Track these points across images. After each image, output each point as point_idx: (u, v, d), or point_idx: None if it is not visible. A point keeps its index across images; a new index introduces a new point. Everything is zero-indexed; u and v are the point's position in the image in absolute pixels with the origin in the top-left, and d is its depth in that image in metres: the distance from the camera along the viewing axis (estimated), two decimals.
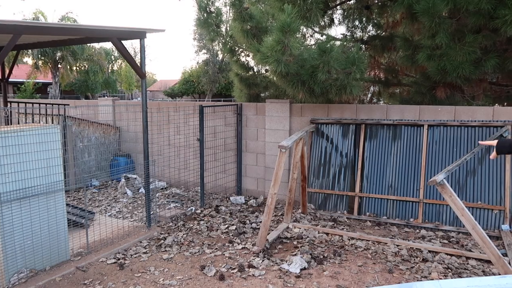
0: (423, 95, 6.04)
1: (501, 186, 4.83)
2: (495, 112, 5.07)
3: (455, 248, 4.40)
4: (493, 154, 2.10)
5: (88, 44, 23.84)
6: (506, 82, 6.82)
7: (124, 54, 4.91)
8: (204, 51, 28.24)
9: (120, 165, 7.68)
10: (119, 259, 4.31)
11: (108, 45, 30.95)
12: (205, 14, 7.80)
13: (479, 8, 4.66)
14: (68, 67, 23.24)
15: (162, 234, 5.03)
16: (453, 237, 4.78)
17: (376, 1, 6.65)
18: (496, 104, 7.08)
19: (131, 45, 34.37)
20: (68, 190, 6.92)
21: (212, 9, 7.86)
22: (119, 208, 6.13)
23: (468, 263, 4.05)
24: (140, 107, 6.06)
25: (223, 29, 8.46)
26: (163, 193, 6.99)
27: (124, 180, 7.07)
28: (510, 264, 3.78)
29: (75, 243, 4.56)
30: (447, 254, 4.23)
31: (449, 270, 3.89)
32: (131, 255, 4.42)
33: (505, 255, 4.08)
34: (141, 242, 4.79)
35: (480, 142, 2.25)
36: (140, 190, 6.96)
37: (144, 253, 4.48)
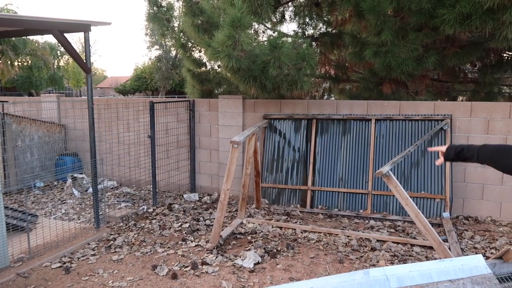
0: (370, 90, 6.27)
1: (442, 177, 5.11)
2: (436, 107, 5.35)
3: (401, 237, 4.61)
4: (439, 160, 2.18)
5: (31, 38, 22.50)
6: (446, 78, 7.24)
7: (67, 47, 4.66)
8: (156, 46, 27.61)
9: (66, 164, 7.32)
10: (65, 263, 4.11)
11: (53, 39, 29.35)
12: (155, 8, 7.60)
13: (420, 7, 4.90)
14: (9, 62, 21.77)
15: (111, 234, 4.85)
16: (399, 226, 5.00)
17: None
18: (438, 100, 7.50)
19: (79, 40, 32.81)
20: (8, 192, 6.48)
21: (163, 3, 7.68)
22: (65, 210, 5.84)
23: (413, 250, 4.25)
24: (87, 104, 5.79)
25: (176, 24, 8.30)
26: (113, 193, 6.74)
27: (70, 180, 6.74)
28: (450, 249, 4.01)
29: (16, 248, 4.28)
30: (393, 242, 4.42)
31: (396, 257, 4.07)
32: (78, 258, 4.22)
33: (445, 241, 4.32)
34: (89, 244, 4.59)
35: (429, 148, 2.33)
36: (88, 191, 6.67)
37: (92, 255, 4.29)
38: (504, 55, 6.67)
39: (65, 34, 4.69)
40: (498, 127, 5.04)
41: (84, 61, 4.82)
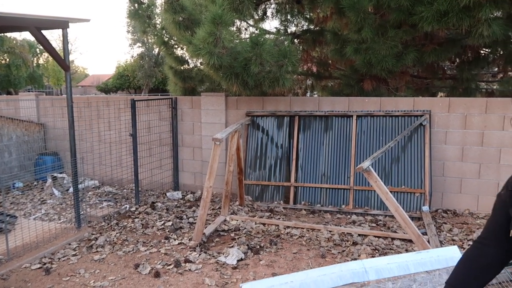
0: (352, 87, 6.33)
1: (422, 171, 5.22)
2: (415, 103, 5.45)
3: (382, 231, 4.69)
4: None
5: (8, 35, 21.95)
6: (425, 75, 7.37)
7: (44, 45, 4.57)
8: (138, 44, 27.26)
9: (46, 164, 7.18)
10: (45, 264, 4.04)
11: (32, 36, 28.71)
12: (136, 5, 7.52)
13: (399, 5, 4.97)
14: None
15: (93, 234, 4.79)
16: (380, 220, 5.08)
17: None
18: (419, 96, 7.63)
19: (59, 37, 32.17)
20: None
21: (144, 0, 7.59)
22: (45, 210, 5.74)
23: (393, 244, 4.33)
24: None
25: (158, 21, 8.21)
26: (95, 192, 6.65)
27: (51, 180, 6.62)
28: (429, 242, 4.10)
29: None
30: (375, 236, 4.49)
31: (377, 251, 4.14)
32: (59, 259, 4.16)
33: (425, 234, 4.42)
34: (70, 244, 4.52)
35: None
36: (69, 190, 6.57)
37: (74, 255, 4.24)
38: (481, 52, 6.82)
39: (43, 31, 4.60)
40: (475, 122, 5.16)
41: (63, 58, 4.74)
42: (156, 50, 26.57)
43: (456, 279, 1.35)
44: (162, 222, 5.13)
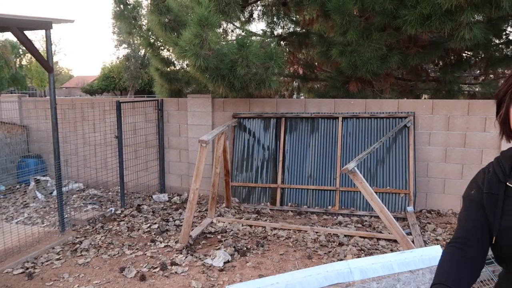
0: (337, 89, 6.39)
1: (406, 172, 5.29)
2: (400, 105, 5.53)
3: (367, 231, 4.74)
4: None
5: None
6: (409, 77, 7.48)
7: (27, 46, 4.50)
8: (124, 45, 26.99)
9: (29, 166, 7.06)
10: (27, 268, 3.97)
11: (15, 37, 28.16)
12: (121, 6, 7.44)
13: (383, 8, 5.04)
14: None
15: (78, 238, 4.72)
16: (366, 221, 5.13)
17: None
18: (404, 98, 7.74)
19: (42, 38, 31.70)
20: None
21: (130, 1, 7.52)
22: (28, 214, 5.63)
23: (378, 244, 4.38)
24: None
25: (144, 23, 8.15)
26: (79, 195, 6.56)
27: (34, 183, 6.51)
28: (413, 242, 4.15)
29: None
30: (360, 237, 4.53)
31: (362, 251, 4.18)
32: (42, 263, 4.09)
33: (409, 234, 4.48)
34: (53, 248, 4.45)
35: None
36: (53, 193, 6.46)
37: (57, 259, 4.17)
38: (463, 54, 6.96)
39: (26, 32, 4.53)
40: (458, 124, 5.26)
41: (46, 59, 4.67)
42: (142, 51, 26.36)
43: (447, 280, 1.24)
44: (148, 224, 5.08)
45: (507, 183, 1.18)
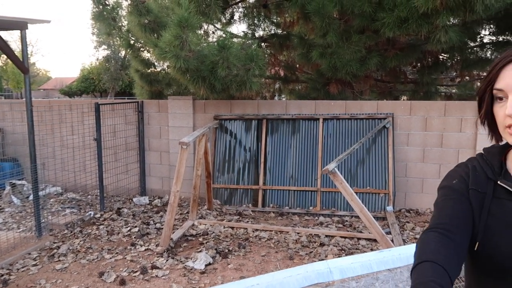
0: (318, 91, 6.45)
1: (386, 172, 5.37)
2: (379, 106, 5.61)
3: (348, 231, 4.79)
4: None
5: None
6: (388, 79, 7.61)
7: (1, 46, 4.38)
8: (104, 46, 26.58)
9: (4, 170, 6.86)
10: (2, 275, 3.85)
11: None
12: (100, 7, 7.33)
13: (362, 11, 5.11)
14: None
15: (55, 243, 4.62)
16: (347, 221, 5.18)
17: (273, 0, 6.90)
18: (384, 99, 7.86)
19: (19, 38, 30.88)
20: None
21: (109, 2, 7.41)
22: (3, 219, 5.48)
23: (359, 243, 4.43)
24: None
25: (124, 24, 8.04)
26: (57, 199, 6.42)
27: (9, 187, 6.33)
28: (393, 241, 4.22)
29: None
30: (341, 237, 4.58)
31: (343, 251, 4.22)
32: (18, 269, 3.98)
33: (389, 233, 4.54)
34: (30, 254, 4.34)
35: None
36: (29, 198, 6.30)
37: (34, 265, 4.06)
38: (440, 57, 7.13)
39: (0, 32, 4.41)
40: (435, 124, 5.37)
41: (21, 60, 4.55)
42: (123, 53, 26.01)
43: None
44: (128, 228, 5.01)
45: (498, 182, 1.03)
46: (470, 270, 1.06)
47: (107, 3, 7.26)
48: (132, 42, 7.34)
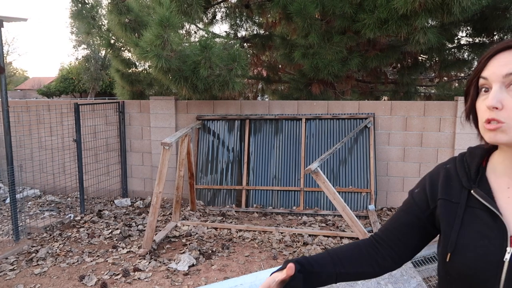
0: (300, 91, 6.48)
1: (368, 172, 5.44)
2: (360, 106, 5.68)
3: (331, 230, 4.83)
4: None
5: None
6: (369, 79, 7.71)
7: None
8: (84, 46, 26.11)
9: None
10: None
11: None
12: (79, 5, 7.20)
13: (343, 12, 5.17)
14: None
15: (33, 247, 4.50)
16: (330, 220, 5.23)
17: (255, 0, 6.90)
18: (366, 99, 7.96)
19: None
20: None
21: (88, 0, 7.29)
22: None
23: (342, 242, 4.47)
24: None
25: (104, 22, 7.91)
26: (35, 202, 6.27)
27: None
28: None
29: None
30: (324, 236, 4.61)
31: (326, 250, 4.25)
32: None
33: (371, 231, 4.60)
34: (7, 258, 4.22)
35: None
36: (6, 201, 6.14)
37: (11, 270, 3.95)
38: (419, 58, 7.26)
39: None
40: (415, 124, 5.47)
41: None
42: (103, 52, 25.59)
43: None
44: (110, 230, 4.93)
45: (471, 191, 0.97)
46: (443, 278, 1.03)
47: (86, 1, 7.14)
48: (112, 41, 7.23)
